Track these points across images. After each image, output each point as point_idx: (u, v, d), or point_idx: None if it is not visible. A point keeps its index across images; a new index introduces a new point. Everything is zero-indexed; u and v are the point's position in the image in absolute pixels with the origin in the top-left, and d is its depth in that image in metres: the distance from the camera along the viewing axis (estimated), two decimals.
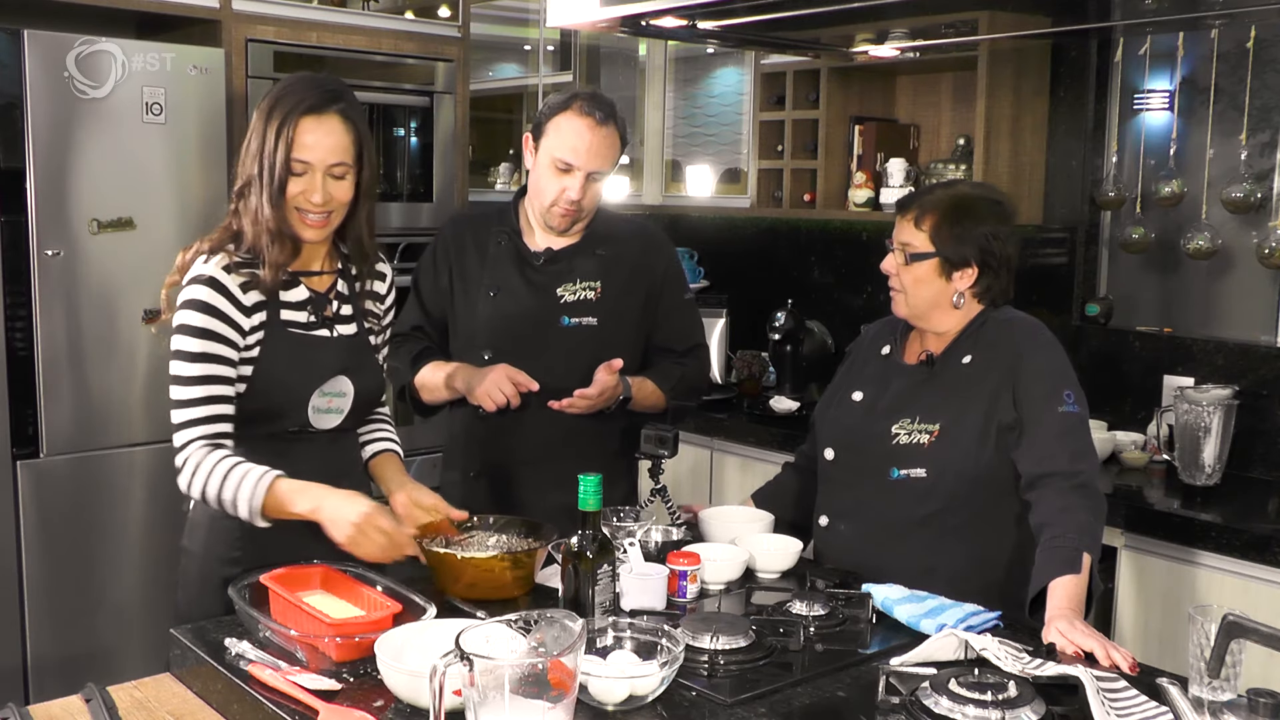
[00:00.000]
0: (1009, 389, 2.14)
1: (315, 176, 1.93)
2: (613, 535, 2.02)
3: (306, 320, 2.02)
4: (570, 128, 2.38)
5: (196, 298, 1.91)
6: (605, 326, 2.48)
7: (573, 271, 2.48)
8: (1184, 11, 2.91)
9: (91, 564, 3.15)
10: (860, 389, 2.32)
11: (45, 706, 1.71)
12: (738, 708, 1.60)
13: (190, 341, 1.91)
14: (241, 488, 1.86)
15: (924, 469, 2.16)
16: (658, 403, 2.55)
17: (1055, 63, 3.58)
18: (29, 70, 3.00)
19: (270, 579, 1.82)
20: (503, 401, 2.35)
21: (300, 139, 1.91)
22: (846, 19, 3.02)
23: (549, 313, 2.46)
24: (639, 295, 2.54)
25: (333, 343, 2.04)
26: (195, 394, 1.91)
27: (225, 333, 1.92)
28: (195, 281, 1.93)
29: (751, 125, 4.21)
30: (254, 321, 1.95)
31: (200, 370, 1.90)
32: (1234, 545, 2.65)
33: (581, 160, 2.38)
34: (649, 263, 2.57)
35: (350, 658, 1.68)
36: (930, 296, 2.21)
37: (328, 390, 2.02)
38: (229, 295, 1.92)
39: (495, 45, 5.36)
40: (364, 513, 1.83)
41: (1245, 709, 1.46)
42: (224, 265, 1.94)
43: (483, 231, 2.55)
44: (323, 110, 1.93)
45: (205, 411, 1.91)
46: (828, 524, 2.30)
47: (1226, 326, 3.32)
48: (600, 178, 2.43)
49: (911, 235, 2.21)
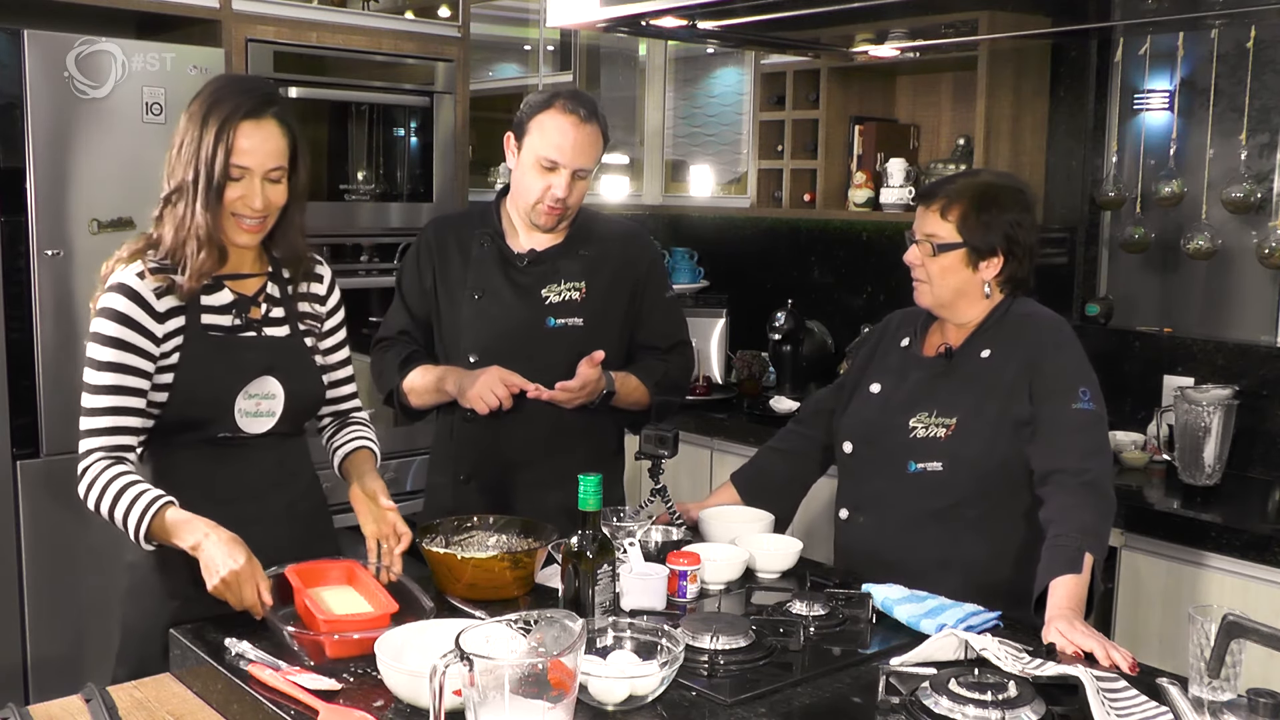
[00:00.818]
0: (1026, 384, 2.15)
1: (254, 182, 1.92)
2: (613, 535, 2.02)
3: (230, 323, 1.99)
4: (554, 126, 2.38)
5: (109, 306, 1.90)
6: (590, 327, 2.47)
7: (557, 272, 2.47)
8: (1184, 11, 2.91)
9: (91, 564, 3.14)
10: (879, 380, 2.32)
11: (45, 706, 1.71)
12: (738, 708, 1.60)
13: (101, 350, 1.89)
14: (131, 511, 1.84)
15: (940, 462, 2.17)
16: (641, 399, 2.54)
17: (1055, 63, 3.58)
18: (29, 70, 3.00)
19: (293, 571, 1.84)
20: (495, 404, 2.34)
21: (238, 144, 1.89)
22: (846, 19, 3.02)
23: (534, 314, 2.46)
24: (623, 294, 2.54)
25: (258, 343, 2.01)
26: (101, 403, 1.89)
27: (137, 342, 1.89)
28: (110, 290, 1.91)
29: (751, 125, 4.21)
30: (170, 327, 1.93)
31: (108, 380, 1.88)
32: (1234, 545, 2.65)
33: (567, 158, 2.38)
34: (632, 261, 2.57)
35: (344, 655, 1.69)
36: (957, 286, 2.22)
37: (254, 392, 1.99)
38: (142, 302, 1.90)
39: (495, 45, 5.36)
40: (234, 570, 1.77)
41: (1245, 709, 1.46)
42: (138, 272, 1.91)
43: (465, 233, 2.54)
44: (260, 115, 1.91)
45: (109, 422, 1.89)
46: (848, 516, 2.31)
47: (1226, 326, 3.32)
48: (585, 175, 2.43)
49: (937, 225, 2.21)
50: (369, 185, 3.85)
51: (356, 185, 3.83)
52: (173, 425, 1.95)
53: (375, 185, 3.87)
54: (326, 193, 3.75)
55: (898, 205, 3.74)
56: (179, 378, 1.93)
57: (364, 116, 3.87)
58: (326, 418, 2.23)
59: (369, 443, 2.20)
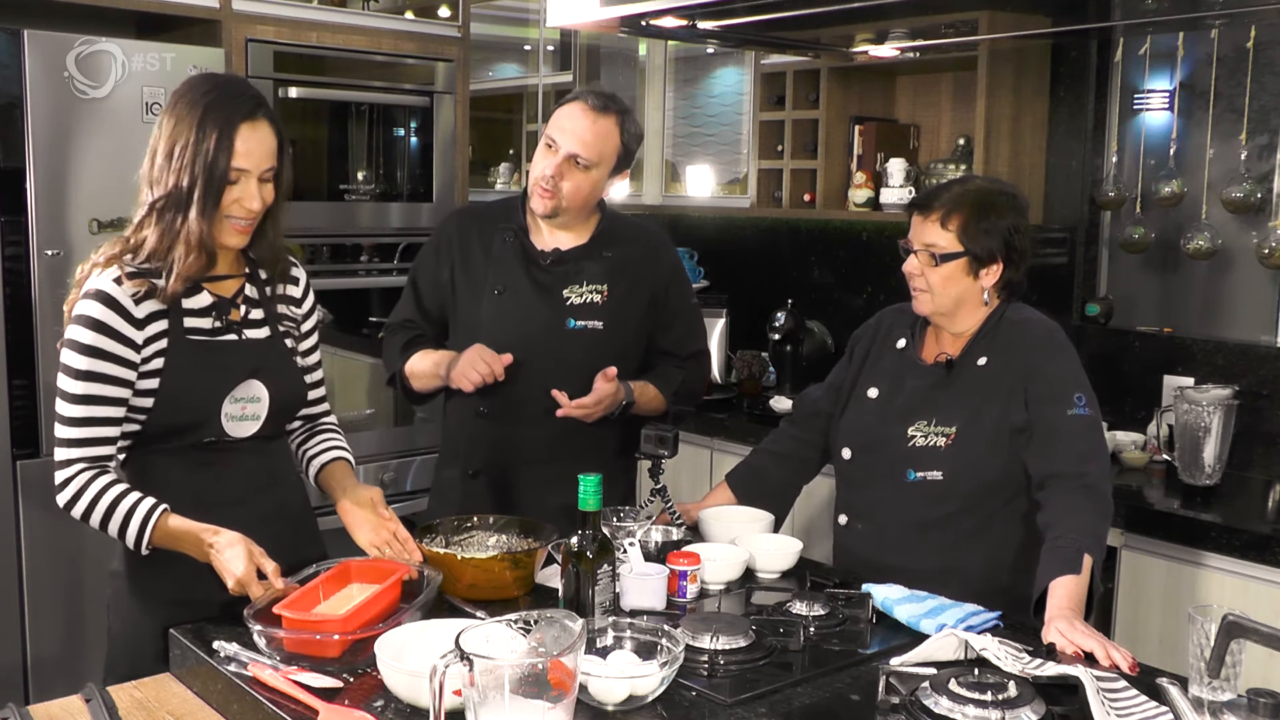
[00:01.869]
0: (1022, 391, 2.15)
1: (251, 183, 1.90)
2: (613, 535, 2.02)
3: (211, 326, 1.96)
4: (566, 111, 2.41)
5: (86, 313, 1.85)
6: (610, 330, 2.47)
7: (580, 273, 2.47)
8: (1184, 11, 2.91)
9: (91, 564, 3.14)
10: (875, 385, 2.32)
11: (45, 706, 1.71)
12: (738, 708, 1.60)
13: (77, 359, 1.85)
14: (131, 520, 1.84)
15: (940, 471, 2.17)
16: (658, 406, 2.55)
17: (1055, 63, 3.58)
18: (29, 70, 3.00)
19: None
20: (479, 380, 2.33)
21: (238, 147, 1.87)
22: (846, 19, 3.02)
23: (555, 315, 2.45)
24: (643, 299, 2.53)
25: (241, 346, 1.99)
26: (79, 413, 1.86)
27: (116, 350, 1.86)
28: (86, 296, 1.87)
29: (751, 125, 4.21)
30: (149, 333, 1.89)
31: (85, 389, 1.85)
32: (1234, 545, 2.65)
33: (564, 139, 2.38)
34: (654, 266, 2.56)
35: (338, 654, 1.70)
36: (958, 294, 2.22)
37: (239, 396, 1.97)
38: (120, 309, 1.86)
39: (495, 45, 5.36)
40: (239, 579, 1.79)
41: (1245, 709, 1.46)
42: (115, 278, 1.86)
43: (489, 227, 2.53)
44: (255, 116, 1.90)
45: (88, 433, 1.87)
46: (847, 523, 2.31)
47: (1226, 326, 3.32)
48: (585, 166, 2.39)
49: (937, 235, 2.21)
50: (369, 185, 3.85)
51: (356, 185, 3.83)
52: (158, 431, 1.93)
53: (375, 185, 3.87)
54: (326, 193, 3.75)
55: (898, 205, 3.74)
56: (164, 384, 1.90)
57: (364, 116, 3.87)
58: (297, 421, 2.18)
59: (344, 453, 2.18)
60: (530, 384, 2.42)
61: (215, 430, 1.96)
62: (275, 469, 2.09)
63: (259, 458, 2.03)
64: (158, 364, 1.90)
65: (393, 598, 1.84)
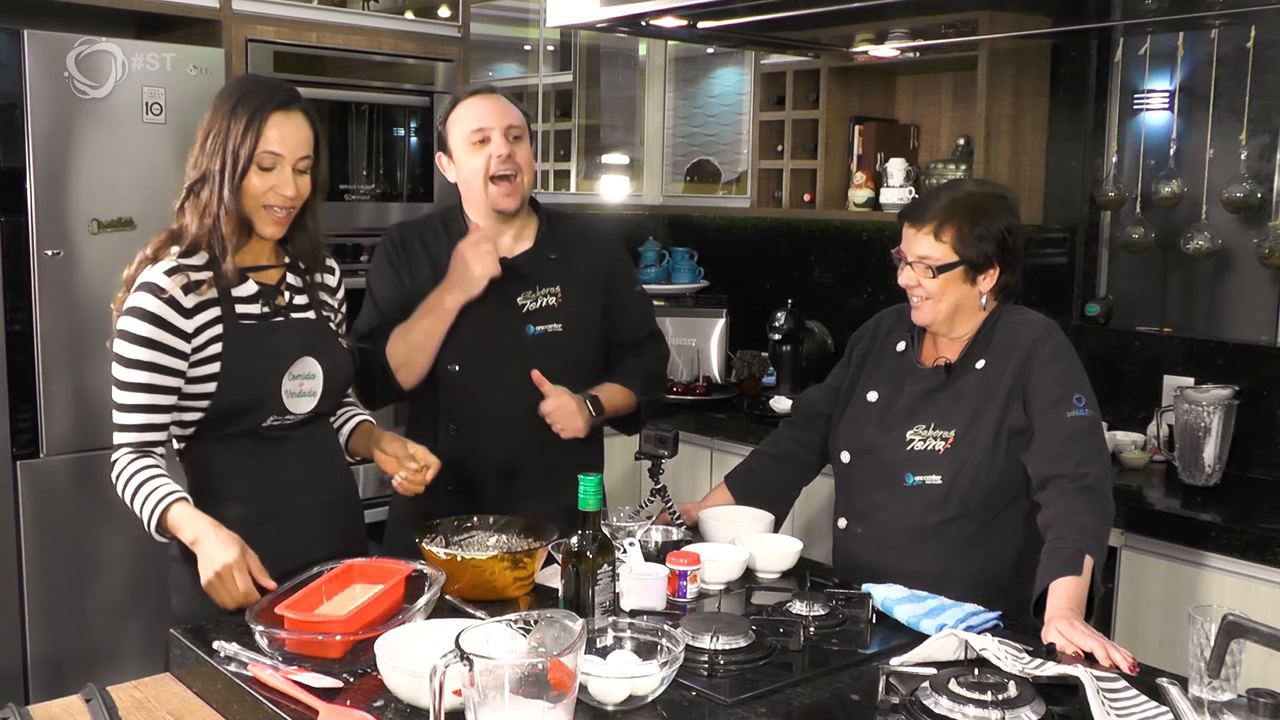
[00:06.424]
0: (1021, 393, 2.15)
1: (286, 169, 1.98)
2: (613, 535, 2.02)
3: (260, 311, 2.04)
4: (463, 109, 2.45)
5: (138, 305, 1.94)
6: (570, 331, 2.48)
7: (531, 279, 2.47)
8: (1184, 11, 2.91)
9: (91, 564, 3.14)
10: (875, 389, 2.31)
11: (45, 706, 1.71)
12: (738, 708, 1.60)
13: (130, 348, 1.93)
14: (146, 503, 1.92)
15: (939, 475, 2.17)
16: (628, 402, 2.56)
17: (1055, 63, 3.58)
18: (29, 70, 2.99)
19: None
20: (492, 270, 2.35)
21: (269, 133, 1.96)
22: (846, 19, 3.02)
23: (513, 324, 2.45)
24: (597, 294, 2.55)
25: (291, 327, 2.07)
26: (132, 400, 1.95)
27: (167, 340, 1.93)
28: (138, 289, 1.95)
29: (751, 125, 4.21)
30: (199, 322, 1.96)
31: (138, 378, 1.94)
32: (1234, 545, 2.65)
33: (491, 119, 2.41)
34: (600, 259, 2.57)
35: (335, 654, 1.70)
36: (956, 301, 2.22)
37: (297, 372, 2.05)
38: (170, 300, 1.94)
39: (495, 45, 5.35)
40: (227, 563, 1.85)
41: (1245, 709, 1.46)
42: (166, 270, 1.95)
43: (432, 240, 2.51)
44: (289, 106, 1.99)
45: (140, 419, 1.96)
46: (846, 526, 2.31)
47: (1226, 326, 3.32)
48: (520, 136, 2.43)
49: (932, 247, 2.20)
50: (369, 185, 3.85)
51: (356, 185, 3.83)
52: (221, 416, 2.00)
53: (375, 185, 3.87)
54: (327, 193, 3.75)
55: (898, 205, 3.74)
56: (225, 367, 1.98)
57: (364, 116, 3.86)
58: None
59: (366, 417, 2.30)
60: (496, 396, 2.43)
61: (278, 408, 2.04)
62: (324, 450, 2.19)
63: (310, 441, 2.13)
64: (214, 349, 1.97)
65: (396, 598, 1.84)
